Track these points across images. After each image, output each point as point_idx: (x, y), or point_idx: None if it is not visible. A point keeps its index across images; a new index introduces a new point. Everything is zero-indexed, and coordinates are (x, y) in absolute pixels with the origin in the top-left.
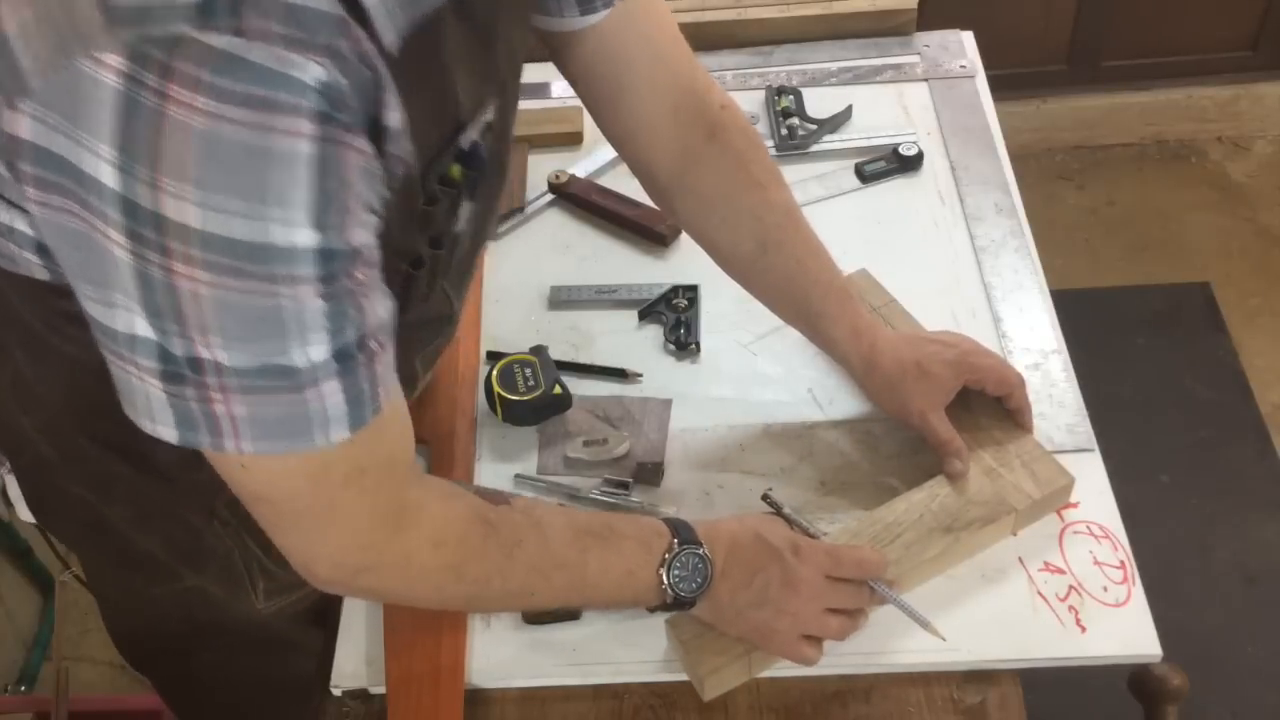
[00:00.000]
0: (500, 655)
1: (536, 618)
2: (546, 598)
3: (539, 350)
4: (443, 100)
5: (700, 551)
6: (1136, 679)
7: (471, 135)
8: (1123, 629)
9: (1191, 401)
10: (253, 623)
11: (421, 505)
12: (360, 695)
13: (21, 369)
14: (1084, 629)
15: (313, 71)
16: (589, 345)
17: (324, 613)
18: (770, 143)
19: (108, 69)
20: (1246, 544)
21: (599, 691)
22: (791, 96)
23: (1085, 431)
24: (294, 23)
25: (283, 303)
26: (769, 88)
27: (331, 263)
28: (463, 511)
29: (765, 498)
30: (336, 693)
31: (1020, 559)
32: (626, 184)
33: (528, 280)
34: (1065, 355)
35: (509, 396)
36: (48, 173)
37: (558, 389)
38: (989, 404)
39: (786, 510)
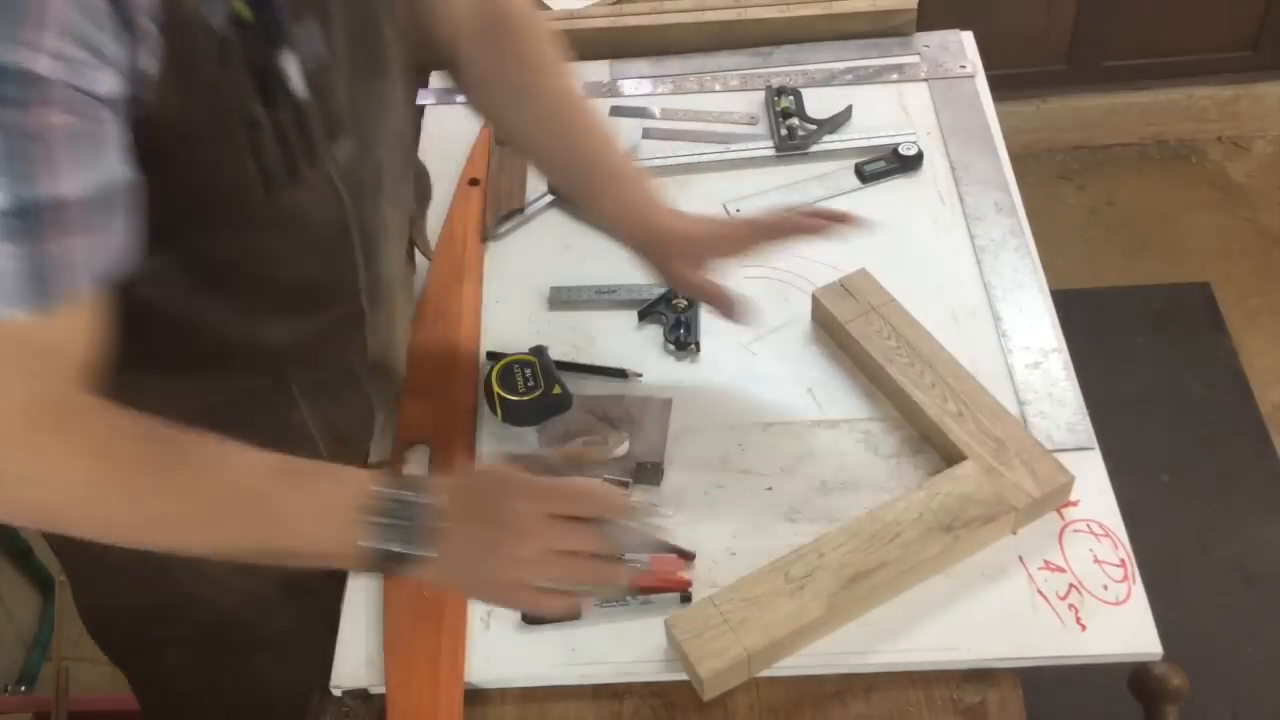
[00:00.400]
0: (500, 655)
1: (536, 618)
2: (229, 534)
3: (539, 350)
4: None
5: (414, 497)
6: (1136, 679)
7: None
8: (1123, 627)
9: (1191, 401)
10: (218, 608)
11: (88, 409)
12: (360, 695)
13: None
14: (1084, 627)
15: None
16: (589, 345)
17: (299, 597)
18: (770, 143)
19: None
20: (1246, 544)
21: (599, 691)
22: (791, 96)
23: (1085, 430)
24: None
25: None
26: (769, 88)
27: (4, 82)
28: (136, 426)
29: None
30: (336, 693)
31: (1020, 557)
32: None
33: (528, 280)
34: (1065, 354)
35: (509, 397)
36: None
37: (557, 389)
38: (983, 398)
39: (504, 449)
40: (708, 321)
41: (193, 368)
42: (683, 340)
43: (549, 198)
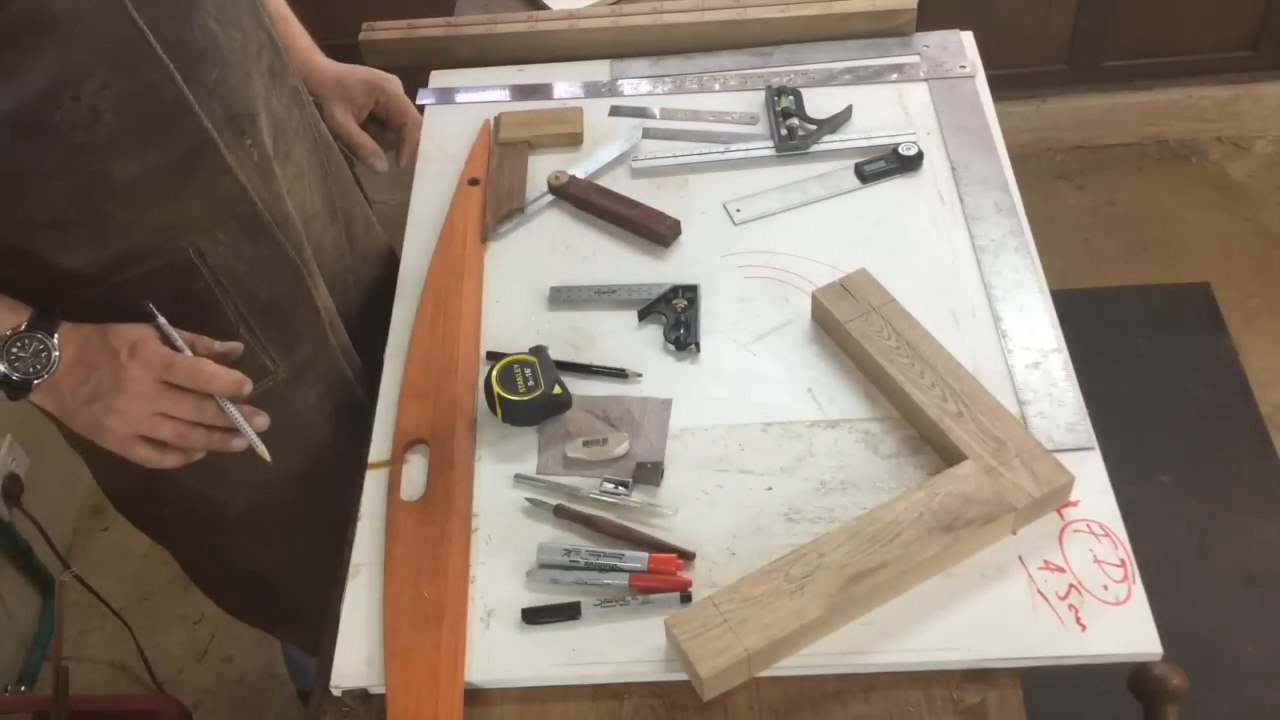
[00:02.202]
0: (500, 655)
1: (536, 617)
2: None
3: (539, 350)
4: None
5: (50, 342)
6: (1136, 679)
7: None
8: (1123, 627)
9: (1191, 401)
10: (190, 491)
11: None
12: (360, 695)
13: None
14: (1084, 627)
15: None
16: (589, 345)
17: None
18: (770, 143)
19: None
20: (1246, 544)
21: (599, 691)
22: (791, 96)
23: (1085, 430)
24: None
25: None
26: (769, 88)
27: None
28: None
29: (147, 307)
30: (336, 693)
31: (1020, 557)
32: (626, 184)
33: (528, 280)
34: (1065, 354)
35: (509, 396)
36: None
37: (558, 389)
38: (983, 398)
39: (160, 320)
40: (708, 321)
41: (54, 231)
42: (683, 340)
43: (549, 198)
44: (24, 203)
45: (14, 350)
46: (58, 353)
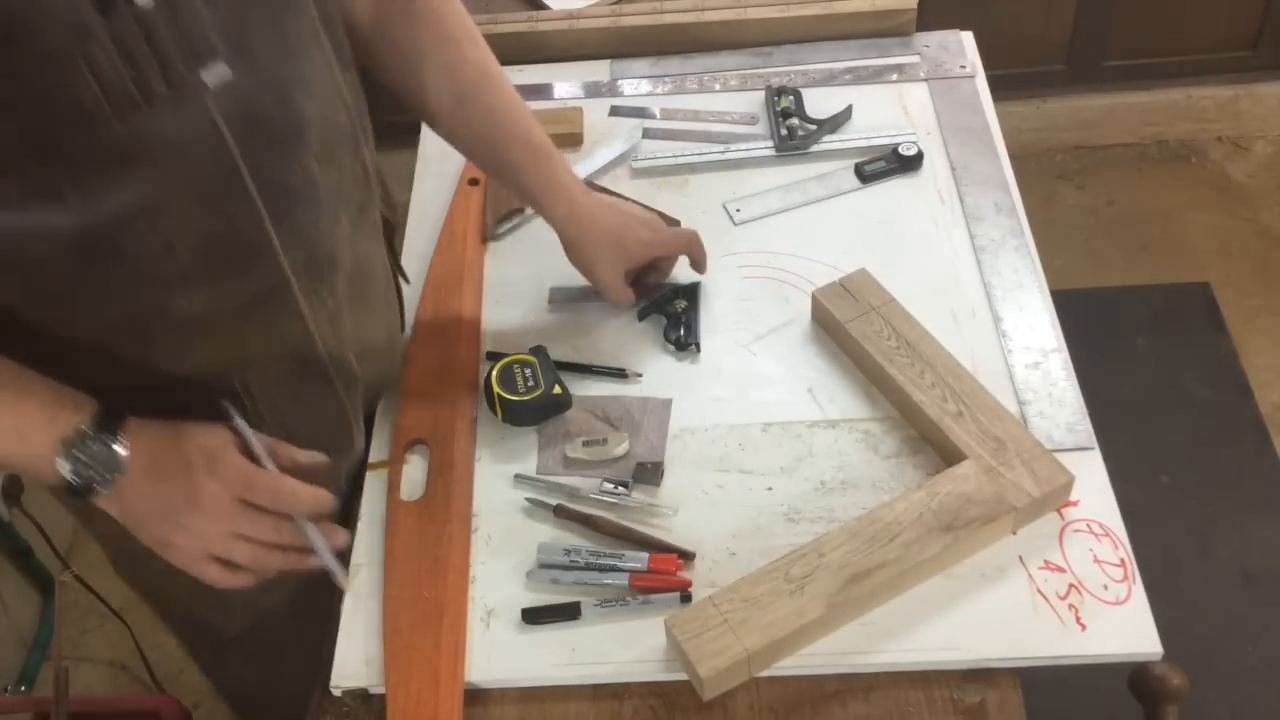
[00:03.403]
0: (500, 655)
1: (536, 617)
2: None
3: (539, 350)
4: None
5: (115, 446)
6: (1136, 679)
7: None
8: (1123, 627)
9: (1191, 401)
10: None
11: None
12: (360, 695)
13: None
14: (1084, 627)
15: None
16: (589, 345)
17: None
18: (770, 143)
19: None
20: (1246, 544)
21: (599, 691)
22: (791, 96)
23: (1085, 430)
24: None
25: None
26: (769, 88)
27: None
28: None
29: (224, 405)
30: (336, 693)
31: (1020, 557)
32: (626, 184)
33: (528, 280)
34: (1065, 354)
35: (509, 397)
36: None
37: (557, 389)
38: (983, 398)
39: (237, 421)
40: (708, 321)
41: (104, 357)
42: (682, 341)
43: None
44: (72, 322)
45: (76, 453)
46: (125, 454)
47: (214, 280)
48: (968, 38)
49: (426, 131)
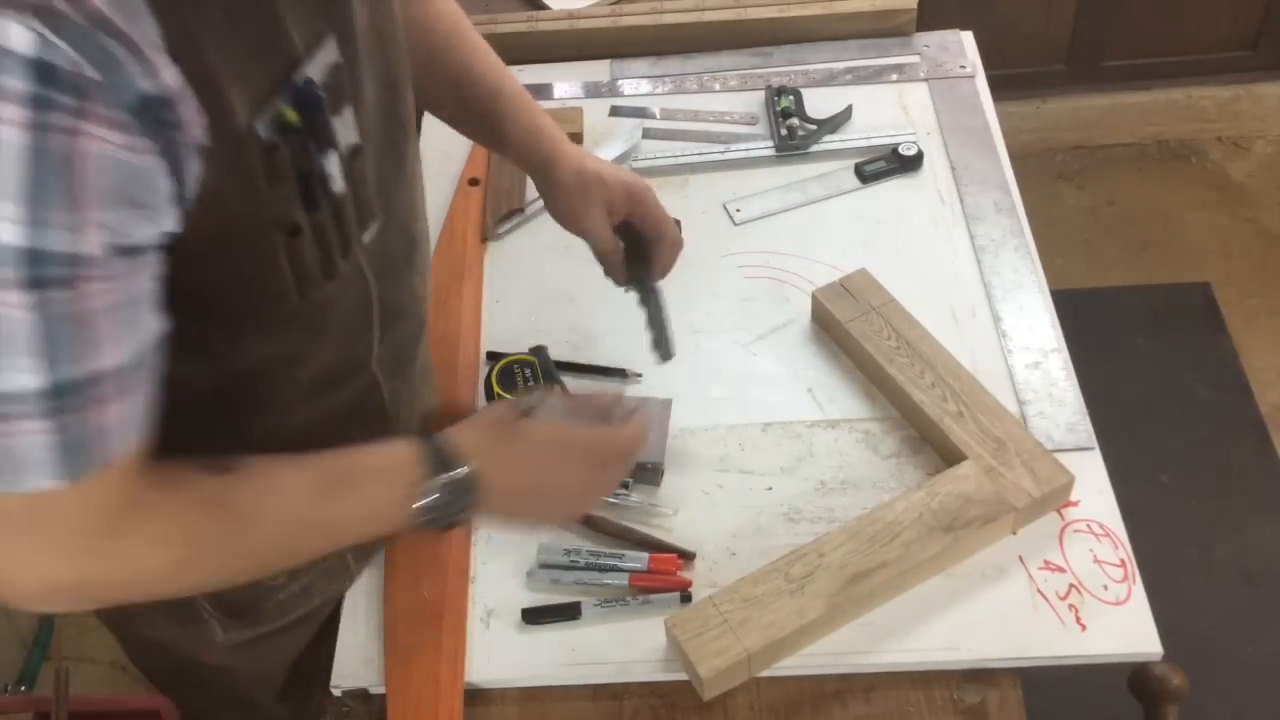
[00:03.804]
0: (500, 655)
1: (536, 617)
2: (299, 557)
3: (539, 350)
4: (266, 36)
5: (460, 474)
6: (1136, 679)
7: (307, 74)
8: (1123, 627)
9: (1191, 401)
10: (221, 670)
11: (139, 504)
12: (360, 695)
13: None
14: (1084, 627)
15: (17, 38)
16: (589, 345)
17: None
18: (770, 143)
19: None
20: (1246, 544)
21: (599, 691)
22: (791, 96)
23: (1085, 430)
24: None
25: None
26: (769, 88)
27: (44, 267)
28: (186, 500)
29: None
30: (336, 693)
31: (1020, 557)
32: None
33: (528, 280)
34: (1065, 354)
35: (509, 397)
36: None
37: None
38: (983, 398)
39: (533, 400)
40: (708, 321)
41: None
42: (656, 345)
43: None
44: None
45: (430, 506)
46: (471, 473)
47: (319, 397)
48: (968, 38)
49: (426, 132)
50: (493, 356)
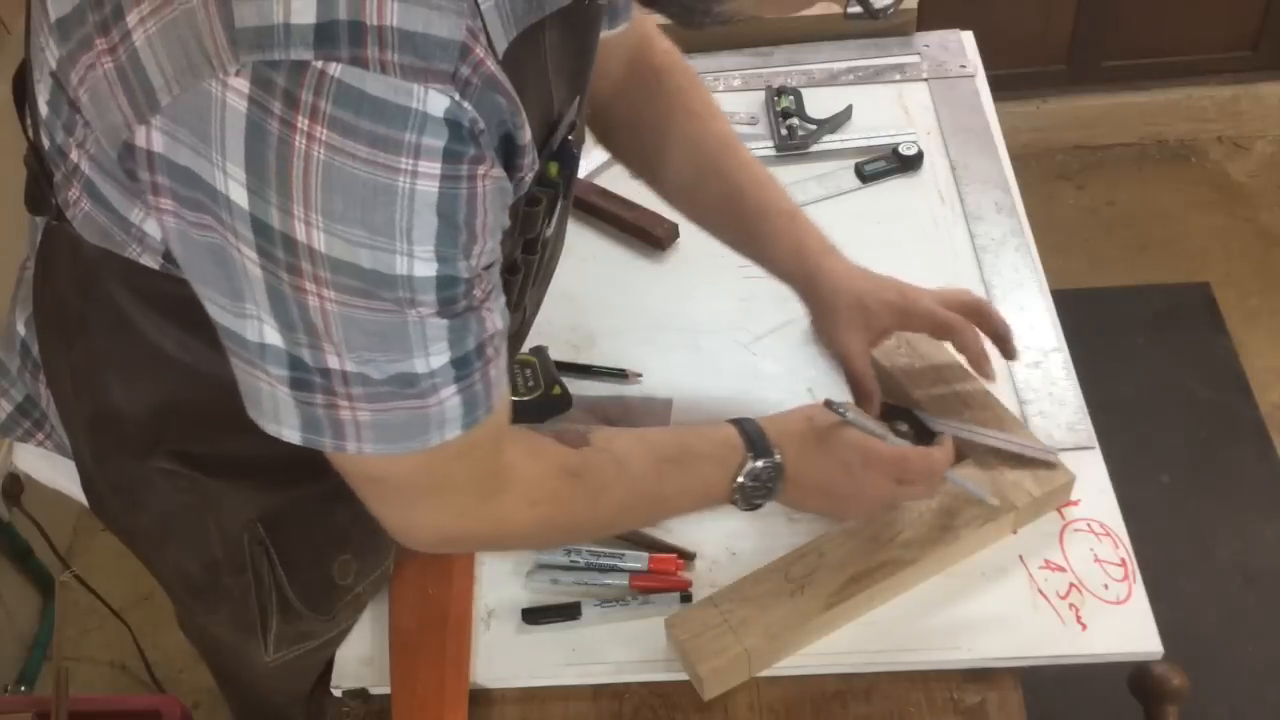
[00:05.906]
0: (501, 655)
1: (536, 618)
2: (627, 527)
3: (539, 350)
4: (542, 102)
5: (774, 460)
6: (1136, 679)
7: (561, 133)
8: (1123, 626)
9: (1191, 401)
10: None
11: (513, 467)
12: (360, 695)
13: (98, 354)
14: (1085, 626)
15: (434, 103)
16: (589, 345)
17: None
18: (770, 143)
19: (234, 92)
20: (1246, 544)
21: (599, 691)
22: (791, 96)
23: (1085, 429)
24: (413, 50)
25: (408, 321)
26: (769, 88)
27: (453, 288)
28: (550, 468)
29: (828, 404)
30: (337, 693)
31: (1020, 557)
32: (626, 186)
33: None
34: (1065, 353)
35: (509, 397)
36: (180, 186)
37: (557, 389)
38: (981, 397)
39: (850, 416)
40: (708, 321)
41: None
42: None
43: None
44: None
45: (749, 486)
46: (782, 461)
47: None
48: (968, 38)
49: None
50: None
